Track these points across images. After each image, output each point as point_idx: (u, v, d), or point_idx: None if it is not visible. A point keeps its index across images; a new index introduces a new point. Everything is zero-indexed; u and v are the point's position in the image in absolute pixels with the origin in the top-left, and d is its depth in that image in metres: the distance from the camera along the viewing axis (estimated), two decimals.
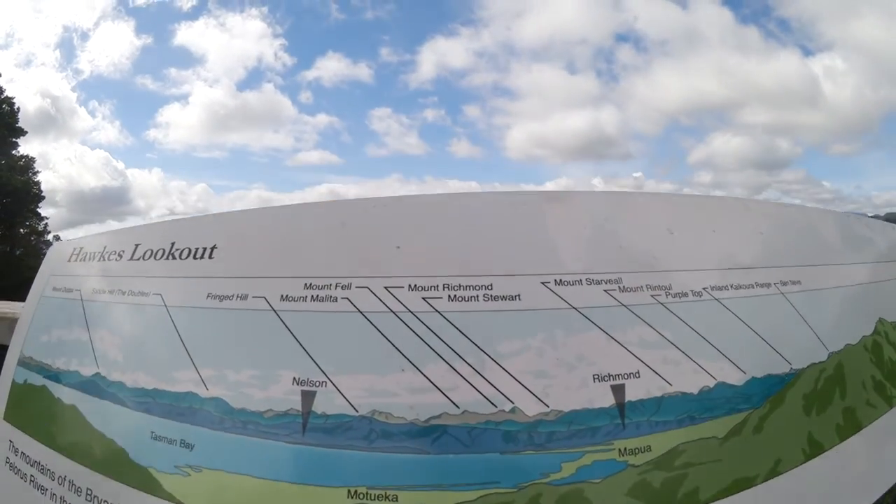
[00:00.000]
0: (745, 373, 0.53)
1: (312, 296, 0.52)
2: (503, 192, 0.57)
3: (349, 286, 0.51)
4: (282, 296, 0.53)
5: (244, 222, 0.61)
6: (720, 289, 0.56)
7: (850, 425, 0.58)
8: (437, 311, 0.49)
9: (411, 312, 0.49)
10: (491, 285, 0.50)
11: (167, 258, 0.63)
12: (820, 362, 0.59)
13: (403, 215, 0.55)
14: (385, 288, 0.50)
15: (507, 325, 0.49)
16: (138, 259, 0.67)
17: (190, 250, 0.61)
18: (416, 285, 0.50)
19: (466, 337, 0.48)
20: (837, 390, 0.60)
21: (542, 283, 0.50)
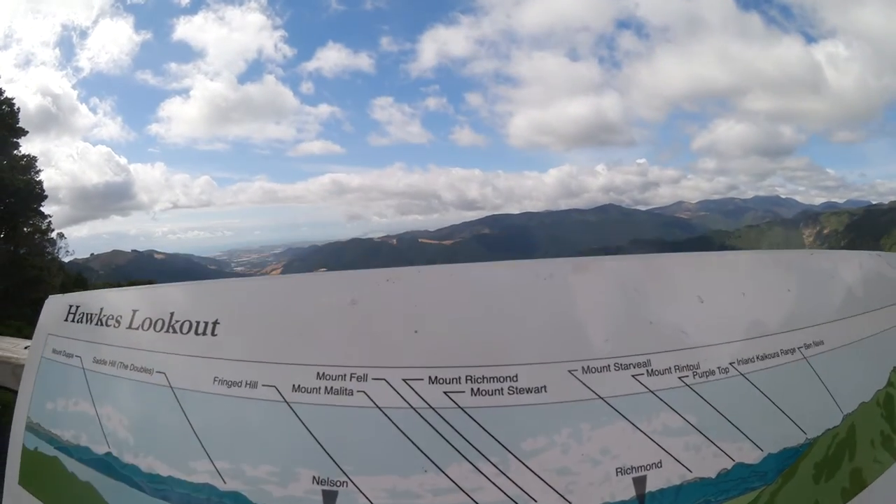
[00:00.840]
0: (762, 450, 0.50)
1: (326, 387, 0.46)
2: (528, 263, 0.51)
3: (365, 377, 0.46)
4: (294, 386, 0.47)
5: (245, 294, 0.55)
6: (746, 361, 0.52)
7: (855, 486, 0.56)
8: (459, 406, 0.44)
9: (432, 409, 0.44)
10: (516, 376, 0.45)
11: (167, 330, 0.57)
12: (834, 427, 0.56)
13: (419, 292, 0.49)
14: (403, 380, 0.45)
15: (532, 421, 0.44)
16: (137, 328, 0.60)
17: (191, 324, 0.55)
18: (436, 377, 0.45)
19: (491, 435, 0.43)
20: (847, 453, 0.57)
21: (570, 371, 0.45)
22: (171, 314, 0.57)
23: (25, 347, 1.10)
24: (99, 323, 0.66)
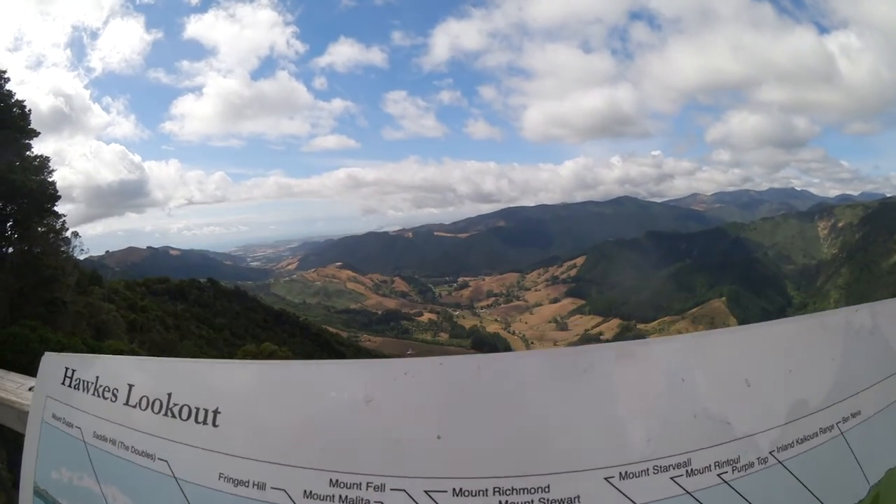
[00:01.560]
0: None
1: (341, 496, 0.40)
2: (566, 352, 0.44)
3: (382, 487, 0.40)
4: (305, 492, 0.41)
5: (246, 381, 0.48)
6: (786, 447, 0.46)
7: None
8: None
9: None
10: (548, 487, 0.39)
11: (165, 413, 0.50)
12: (859, 502, 0.51)
13: (441, 388, 0.42)
14: (425, 492, 0.39)
15: None
16: (134, 406, 0.54)
17: (190, 410, 0.48)
18: (461, 489, 0.39)
19: None
20: None
21: (606, 478, 0.39)
22: (169, 395, 0.51)
23: (30, 389, 1.03)
24: (96, 393, 0.60)
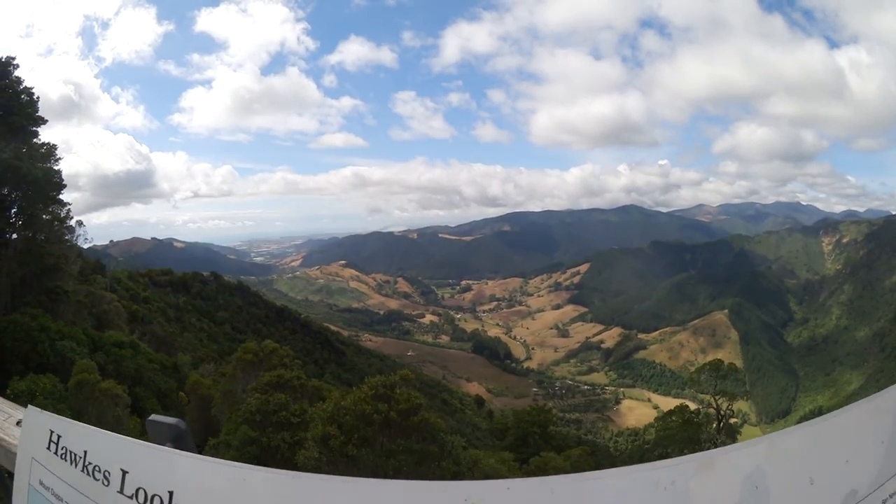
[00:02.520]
0: None
1: None
2: (645, 469, 0.36)
3: None
4: None
5: (271, 493, 0.38)
6: None
7: None
8: None
9: None
10: None
11: None
12: None
13: None
14: None
15: None
16: (130, 496, 0.45)
17: None
18: None
19: None
20: None
21: None
22: (171, 494, 0.42)
23: (18, 423, 0.94)
24: (85, 471, 0.50)
